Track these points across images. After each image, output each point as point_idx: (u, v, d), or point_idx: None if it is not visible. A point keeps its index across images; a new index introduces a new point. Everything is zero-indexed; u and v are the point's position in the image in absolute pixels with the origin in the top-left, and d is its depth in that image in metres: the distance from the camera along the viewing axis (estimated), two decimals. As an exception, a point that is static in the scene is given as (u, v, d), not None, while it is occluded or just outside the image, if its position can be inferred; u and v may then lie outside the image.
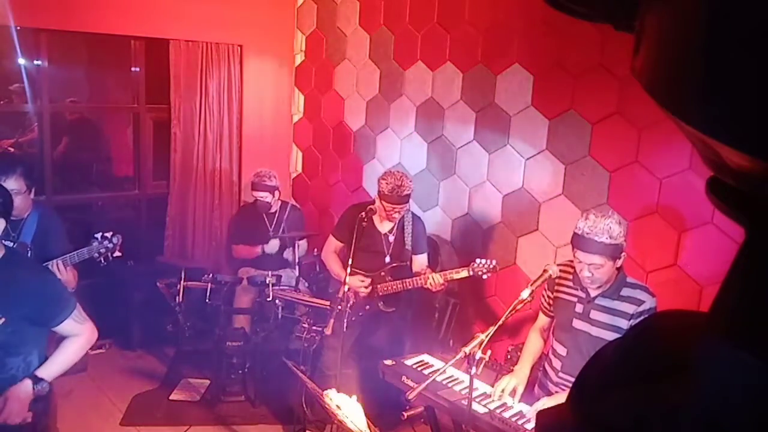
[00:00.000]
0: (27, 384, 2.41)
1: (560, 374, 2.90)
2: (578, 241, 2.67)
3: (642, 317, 2.71)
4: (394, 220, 3.96)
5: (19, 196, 3.18)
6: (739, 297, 0.45)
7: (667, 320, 0.59)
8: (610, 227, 2.60)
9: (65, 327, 2.53)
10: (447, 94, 4.54)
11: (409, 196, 3.86)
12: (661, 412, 0.49)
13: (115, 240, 3.50)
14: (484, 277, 3.75)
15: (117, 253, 3.54)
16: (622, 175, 3.60)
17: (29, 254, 3.31)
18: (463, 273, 3.72)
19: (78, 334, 2.57)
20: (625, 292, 2.73)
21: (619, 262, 2.70)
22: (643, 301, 2.69)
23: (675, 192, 3.38)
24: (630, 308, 2.69)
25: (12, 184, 3.19)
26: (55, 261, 3.34)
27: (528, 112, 4.04)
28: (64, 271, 3.33)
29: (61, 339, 2.61)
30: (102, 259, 3.49)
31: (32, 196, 3.47)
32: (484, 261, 3.72)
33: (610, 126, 3.63)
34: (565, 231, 3.82)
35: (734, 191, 0.45)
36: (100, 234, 3.50)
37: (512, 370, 3.07)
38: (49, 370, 2.49)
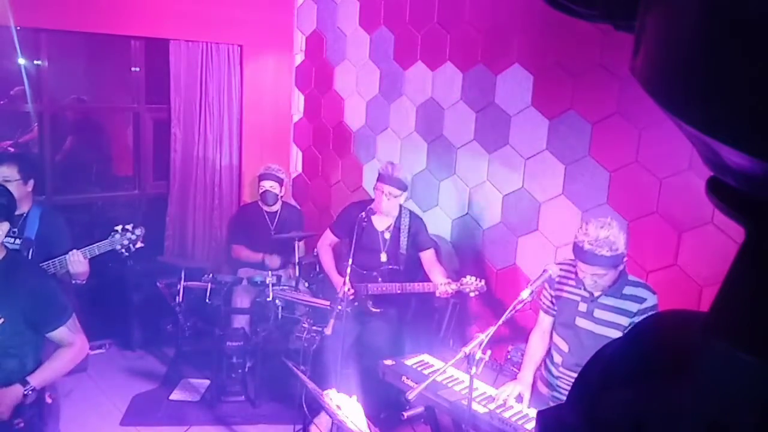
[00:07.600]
0: (17, 388, 2.40)
1: (561, 369, 2.94)
2: (579, 253, 2.69)
3: (644, 314, 2.72)
4: (386, 210, 3.97)
5: (10, 184, 3.16)
6: (739, 297, 0.45)
7: (667, 320, 0.59)
8: (611, 240, 2.60)
9: (59, 334, 2.53)
10: (447, 94, 4.53)
11: (401, 182, 3.94)
12: (662, 412, 0.49)
13: (138, 231, 3.48)
14: (471, 295, 3.76)
15: (139, 244, 3.51)
16: (622, 175, 3.60)
17: (31, 252, 3.29)
18: (453, 286, 3.74)
19: (70, 343, 2.56)
20: (627, 290, 2.76)
21: (621, 267, 2.73)
22: (645, 299, 2.73)
23: (675, 192, 3.38)
24: (632, 306, 2.72)
25: (3, 171, 3.27)
26: (78, 251, 3.29)
27: (528, 112, 4.04)
28: (83, 262, 3.29)
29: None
30: (124, 250, 3.47)
31: (30, 189, 3.47)
32: (473, 279, 3.73)
33: (610, 126, 3.62)
34: (565, 231, 3.82)
35: (734, 191, 0.45)
36: (121, 226, 3.47)
37: (513, 371, 3.08)
38: (39, 377, 2.48)
